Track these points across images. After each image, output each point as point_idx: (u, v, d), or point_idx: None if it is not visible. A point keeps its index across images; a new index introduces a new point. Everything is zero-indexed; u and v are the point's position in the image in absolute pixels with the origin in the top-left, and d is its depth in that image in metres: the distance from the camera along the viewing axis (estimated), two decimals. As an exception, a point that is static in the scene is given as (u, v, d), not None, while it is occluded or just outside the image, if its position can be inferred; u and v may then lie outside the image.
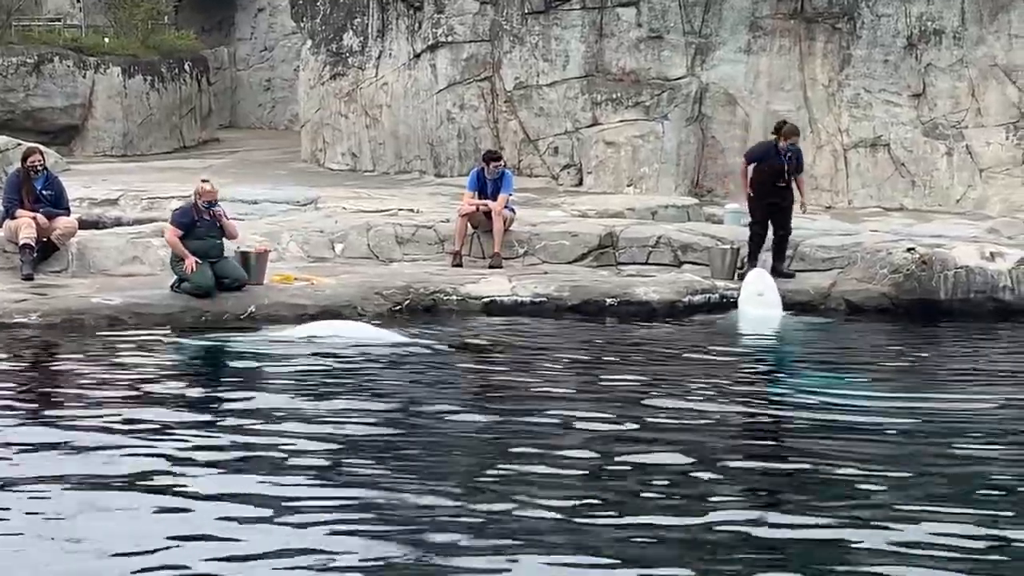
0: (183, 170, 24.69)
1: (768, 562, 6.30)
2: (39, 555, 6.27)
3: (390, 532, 6.66)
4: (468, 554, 6.37)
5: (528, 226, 17.03)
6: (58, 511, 6.89)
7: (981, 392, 11.00)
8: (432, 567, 6.20)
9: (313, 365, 11.44)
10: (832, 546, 6.54)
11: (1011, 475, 7.94)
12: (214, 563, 6.22)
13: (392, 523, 6.84)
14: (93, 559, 6.21)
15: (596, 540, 6.55)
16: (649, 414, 9.52)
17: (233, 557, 6.27)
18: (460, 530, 6.70)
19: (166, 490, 7.38)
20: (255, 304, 13.89)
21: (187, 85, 30.93)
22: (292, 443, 8.41)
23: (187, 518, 6.86)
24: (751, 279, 15.06)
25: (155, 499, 7.17)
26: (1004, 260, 15.49)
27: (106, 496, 7.23)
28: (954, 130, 20.96)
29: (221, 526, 6.71)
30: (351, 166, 24.97)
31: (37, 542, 6.44)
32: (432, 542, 6.53)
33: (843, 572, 6.20)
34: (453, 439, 8.85)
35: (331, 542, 6.46)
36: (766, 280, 15.01)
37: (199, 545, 6.45)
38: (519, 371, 11.47)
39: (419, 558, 6.30)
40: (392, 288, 14.69)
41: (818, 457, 8.28)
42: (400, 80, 24.00)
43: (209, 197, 14.15)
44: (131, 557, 6.25)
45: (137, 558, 6.22)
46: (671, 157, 21.62)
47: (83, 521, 6.74)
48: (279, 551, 6.34)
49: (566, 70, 22.39)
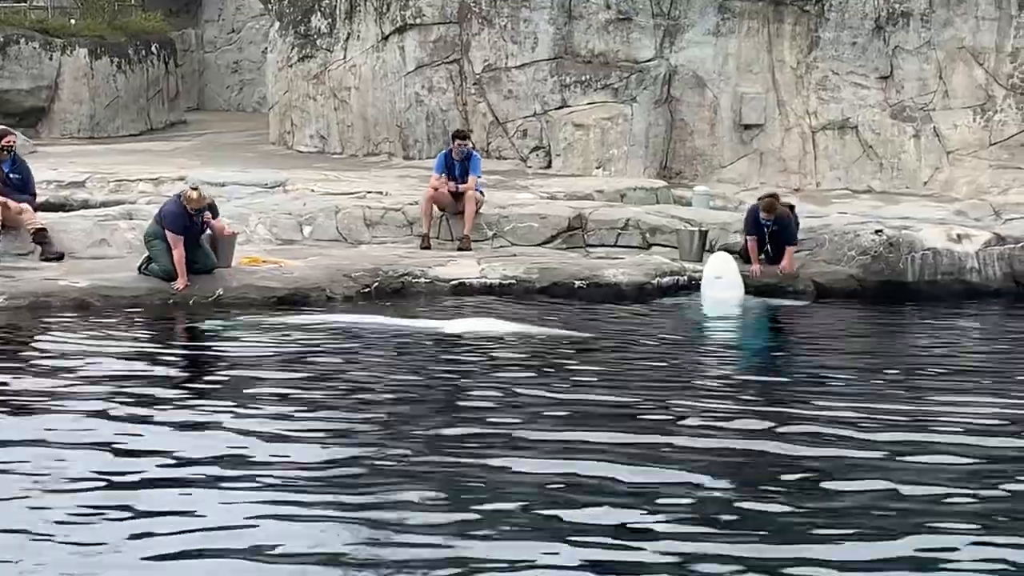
0: (150, 152, 24.59)
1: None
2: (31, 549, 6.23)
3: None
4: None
5: (497, 208, 17.03)
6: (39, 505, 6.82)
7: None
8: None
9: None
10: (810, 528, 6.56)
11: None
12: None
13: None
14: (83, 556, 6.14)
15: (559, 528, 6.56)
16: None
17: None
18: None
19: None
20: (223, 287, 13.86)
21: (154, 67, 30.75)
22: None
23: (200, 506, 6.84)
24: (711, 262, 15.06)
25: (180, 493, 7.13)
26: (971, 242, 15.58)
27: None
28: (922, 112, 21.02)
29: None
30: (319, 148, 24.88)
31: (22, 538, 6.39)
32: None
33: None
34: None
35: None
36: (726, 264, 14.99)
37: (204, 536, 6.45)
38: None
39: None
40: (361, 271, 14.68)
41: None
42: (368, 62, 23.91)
43: (196, 206, 13.85)
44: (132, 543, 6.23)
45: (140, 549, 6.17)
46: (640, 139, 21.61)
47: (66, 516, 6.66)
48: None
49: (535, 52, 22.35)
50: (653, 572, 5.91)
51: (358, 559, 5.98)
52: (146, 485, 7.14)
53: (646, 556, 6.07)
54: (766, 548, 6.19)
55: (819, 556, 6.10)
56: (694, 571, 5.88)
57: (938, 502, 6.93)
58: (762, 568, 5.91)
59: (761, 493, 7.02)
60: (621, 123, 21.70)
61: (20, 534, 6.32)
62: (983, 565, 6.02)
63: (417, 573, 5.83)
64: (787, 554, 6.11)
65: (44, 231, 14.88)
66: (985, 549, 6.21)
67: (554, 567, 5.92)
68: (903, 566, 5.94)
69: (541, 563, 5.98)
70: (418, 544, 6.19)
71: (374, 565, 5.91)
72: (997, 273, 15.42)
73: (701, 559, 6.00)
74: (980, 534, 6.41)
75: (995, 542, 6.30)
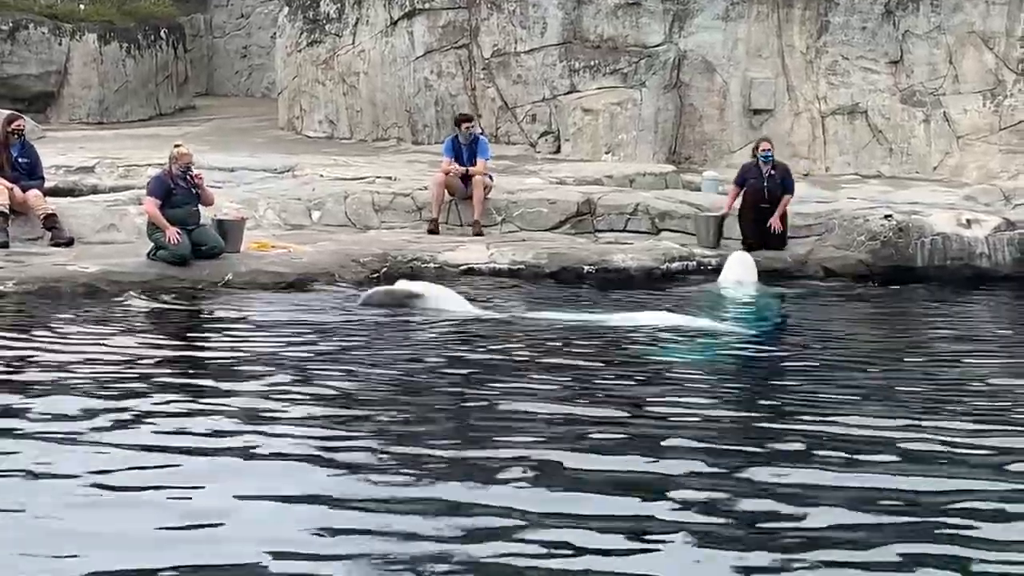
0: (159, 138, 24.58)
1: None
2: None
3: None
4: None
5: (506, 193, 17.03)
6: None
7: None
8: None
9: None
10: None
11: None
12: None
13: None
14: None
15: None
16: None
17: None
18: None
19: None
20: (232, 272, 13.87)
21: (163, 52, 30.74)
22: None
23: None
24: (732, 264, 14.95)
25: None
26: (980, 227, 15.56)
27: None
28: (931, 97, 20.98)
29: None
30: (328, 133, 24.88)
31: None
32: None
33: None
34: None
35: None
36: (746, 265, 14.94)
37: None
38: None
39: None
40: (369, 255, 14.69)
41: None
42: (377, 47, 23.90)
43: (185, 161, 14.11)
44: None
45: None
46: (649, 124, 21.59)
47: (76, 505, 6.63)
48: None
49: (544, 37, 22.32)
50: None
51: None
52: (160, 472, 7.13)
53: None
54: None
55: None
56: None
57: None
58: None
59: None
60: (630, 108, 21.67)
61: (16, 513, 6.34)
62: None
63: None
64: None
65: (54, 216, 14.91)
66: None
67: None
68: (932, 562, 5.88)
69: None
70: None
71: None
72: (1007, 258, 15.40)
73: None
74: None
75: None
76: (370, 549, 5.84)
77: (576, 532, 6.06)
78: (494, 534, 6.05)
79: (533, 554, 5.80)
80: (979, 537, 6.08)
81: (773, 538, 6.05)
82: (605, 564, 5.71)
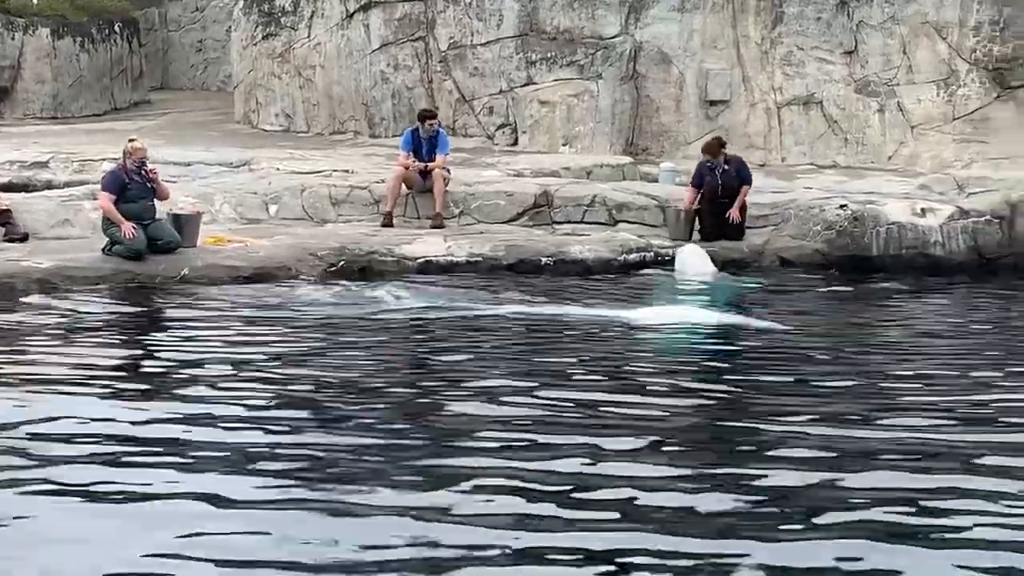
0: (114, 132, 24.45)
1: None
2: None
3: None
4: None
5: (463, 186, 17.01)
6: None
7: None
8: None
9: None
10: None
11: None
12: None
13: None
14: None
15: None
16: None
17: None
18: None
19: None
20: (188, 266, 13.80)
21: (118, 46, 30.59)
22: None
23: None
24: (688, 257, 15.00)
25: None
26: (935, 216, 15.65)
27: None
28: (886, 87, 21.10)
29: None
30: (285, 127, 24.82)
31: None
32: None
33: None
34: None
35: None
36: (702, 256, 15.00)
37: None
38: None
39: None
40: (327, 249, 14.64)
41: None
42: (333, 40, 23.84)
43: (139, 155, 14.04)
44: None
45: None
46: (606, 116, 21.63)
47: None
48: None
49: (500, 29, 22.33)
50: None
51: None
52: (127, 465, 7.05)
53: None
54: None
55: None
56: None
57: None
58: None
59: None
60: (587, 100, 21.71)
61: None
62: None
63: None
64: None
65: (8, 212, 14.80)
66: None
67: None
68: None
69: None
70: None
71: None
72: (960, 247, 15.50)
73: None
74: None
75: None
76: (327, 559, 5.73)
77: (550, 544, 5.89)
78: (460, 547, 5.84)
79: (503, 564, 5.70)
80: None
81: (741, 535, 6.02)
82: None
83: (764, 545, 5.78)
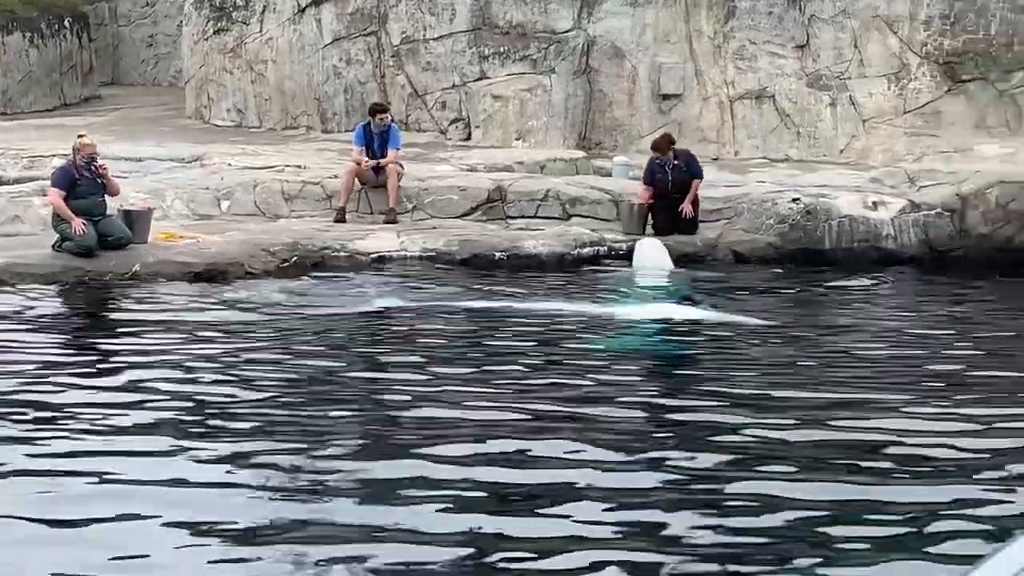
0: (64, 128, 24.24)
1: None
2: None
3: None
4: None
5: (416, 181, 16.98)
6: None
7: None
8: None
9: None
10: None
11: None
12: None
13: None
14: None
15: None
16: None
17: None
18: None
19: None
20: (139, 263, 13.71)
21: (67, 41, 30.35)
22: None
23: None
24: (647, 251, 15.00)
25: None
26: (886, 209, 15.74)
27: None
28: (837, 81, 21.18)
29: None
30: (237, 122, 24.69)
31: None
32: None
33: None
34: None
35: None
36: (662, 250, 15.01)
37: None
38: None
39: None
40: (279, 245, 14.58)
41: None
42: (285, 35, 23.73)
43: (88, 151, 13.94)
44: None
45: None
46: (559, 110, 21.62)
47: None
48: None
49: (453, 24, 22.28)
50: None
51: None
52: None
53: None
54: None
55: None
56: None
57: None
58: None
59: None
60: (540, 94, 21.69)
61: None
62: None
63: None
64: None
65: None
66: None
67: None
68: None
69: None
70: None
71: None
72: (912, 240, 15.59)
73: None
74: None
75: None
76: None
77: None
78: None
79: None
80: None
81: (694, 536, 6.01)
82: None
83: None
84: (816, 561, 5.62)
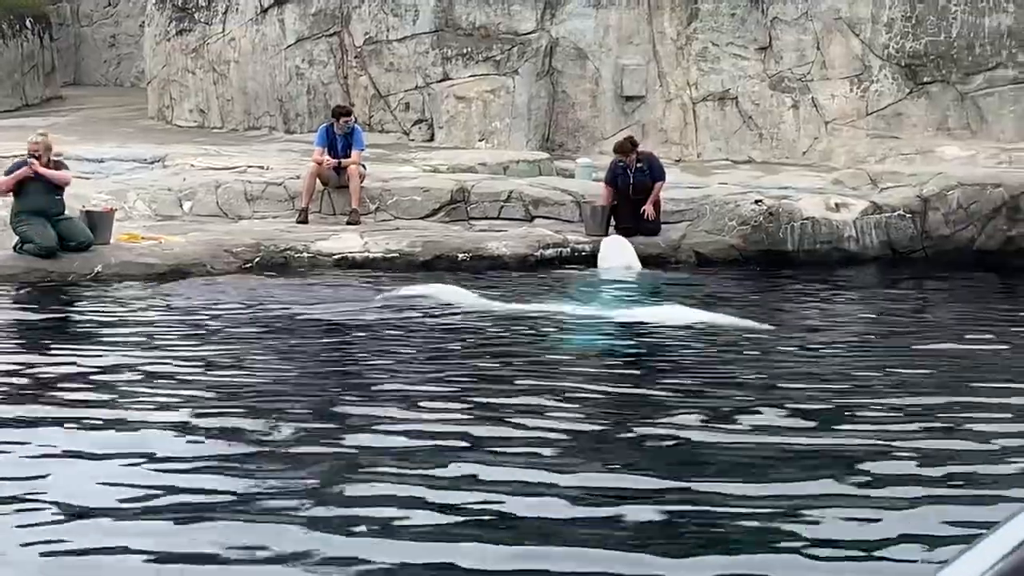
0: (26, 128, 24.00)
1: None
2: None
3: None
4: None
5: (380, 182, 16.96)
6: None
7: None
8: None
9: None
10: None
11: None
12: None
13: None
14: None
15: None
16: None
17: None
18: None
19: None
20: (102, 264, 13.65)
21: (29, 42, 30.19)
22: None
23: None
24: (615, 250, 15.01)
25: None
26: (849, 211, 15.80)
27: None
28: (800, 83, 21.27)
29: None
30: (199, 123, 24.61)
31: None
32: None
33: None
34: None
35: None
36: (629, 249, 15.03)
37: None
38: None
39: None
40: (242, 245, 14.54)
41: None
42: (248, 35, 23.67)
43: (31, 148, 13.92)
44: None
45: None
46: (522, 112, 21.64)
47: None
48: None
49: (416, 25, 22.27)
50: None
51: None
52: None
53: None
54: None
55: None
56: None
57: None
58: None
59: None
60: (503, 96, 21.70)
61: None
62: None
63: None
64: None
65: None
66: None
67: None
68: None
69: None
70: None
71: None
72: (874, 241, 15.65)
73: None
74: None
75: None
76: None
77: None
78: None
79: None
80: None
81: (677, 536, 6.02)
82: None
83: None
84: (798, 561, 5.65)
